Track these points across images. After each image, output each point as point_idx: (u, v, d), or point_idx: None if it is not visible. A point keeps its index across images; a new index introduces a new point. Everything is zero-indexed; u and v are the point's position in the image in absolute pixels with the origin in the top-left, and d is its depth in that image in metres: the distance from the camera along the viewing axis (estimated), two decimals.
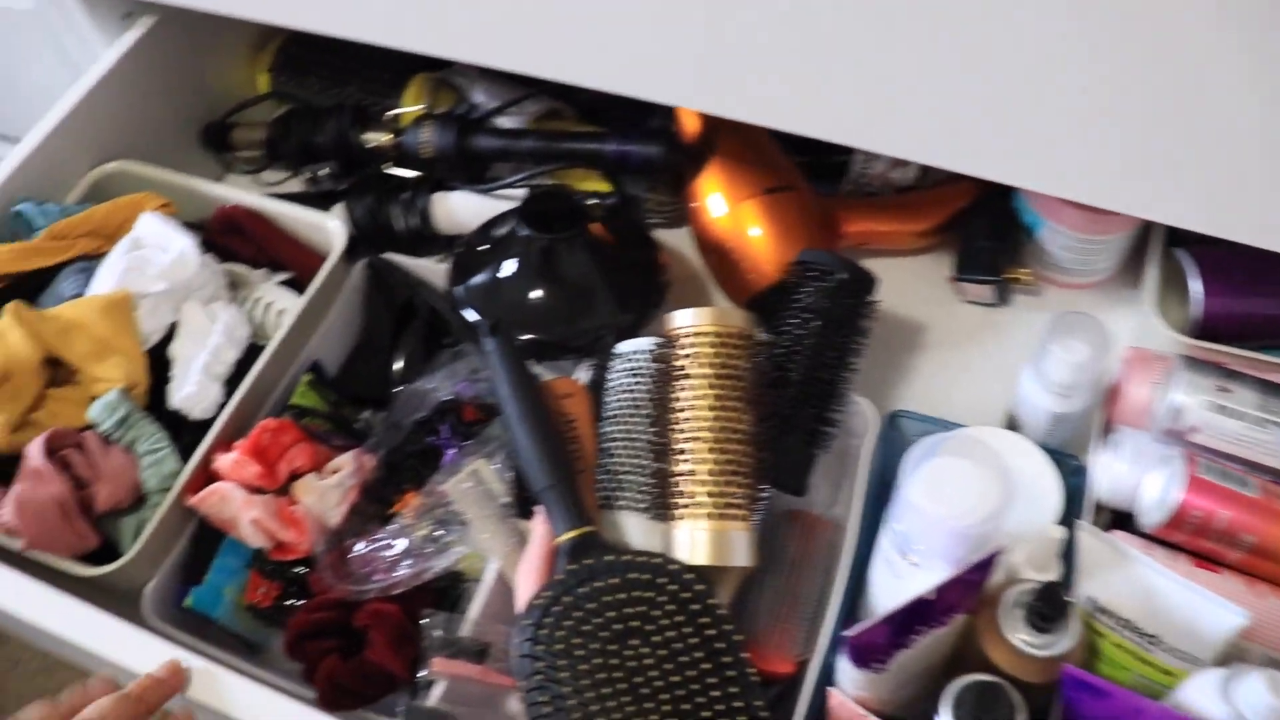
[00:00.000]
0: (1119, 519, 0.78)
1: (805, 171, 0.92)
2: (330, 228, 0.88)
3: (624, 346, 0.77)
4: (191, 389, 0.80)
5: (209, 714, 0.67)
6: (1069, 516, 0.73)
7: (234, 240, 0.89)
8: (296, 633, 0.74)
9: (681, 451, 0.71)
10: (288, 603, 0.79)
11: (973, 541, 0.64)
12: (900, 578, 0.69)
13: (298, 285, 0.89)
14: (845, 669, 0.66)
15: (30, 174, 0.88)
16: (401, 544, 0.75)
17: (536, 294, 0.83)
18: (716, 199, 0.88)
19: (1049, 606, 0.60)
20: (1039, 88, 0.62)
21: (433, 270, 0.90)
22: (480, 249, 0.87)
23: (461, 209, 0.92)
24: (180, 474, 0.78)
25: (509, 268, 0.83)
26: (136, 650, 0.67)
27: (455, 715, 0.71)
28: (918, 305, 0.92)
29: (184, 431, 0.81)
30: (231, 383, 0.82)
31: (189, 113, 1.02)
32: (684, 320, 0.73)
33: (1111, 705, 0.58)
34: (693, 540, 0.70)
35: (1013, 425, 0.81)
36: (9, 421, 0.77)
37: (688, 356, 0.72)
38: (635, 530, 0.72)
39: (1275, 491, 0.70)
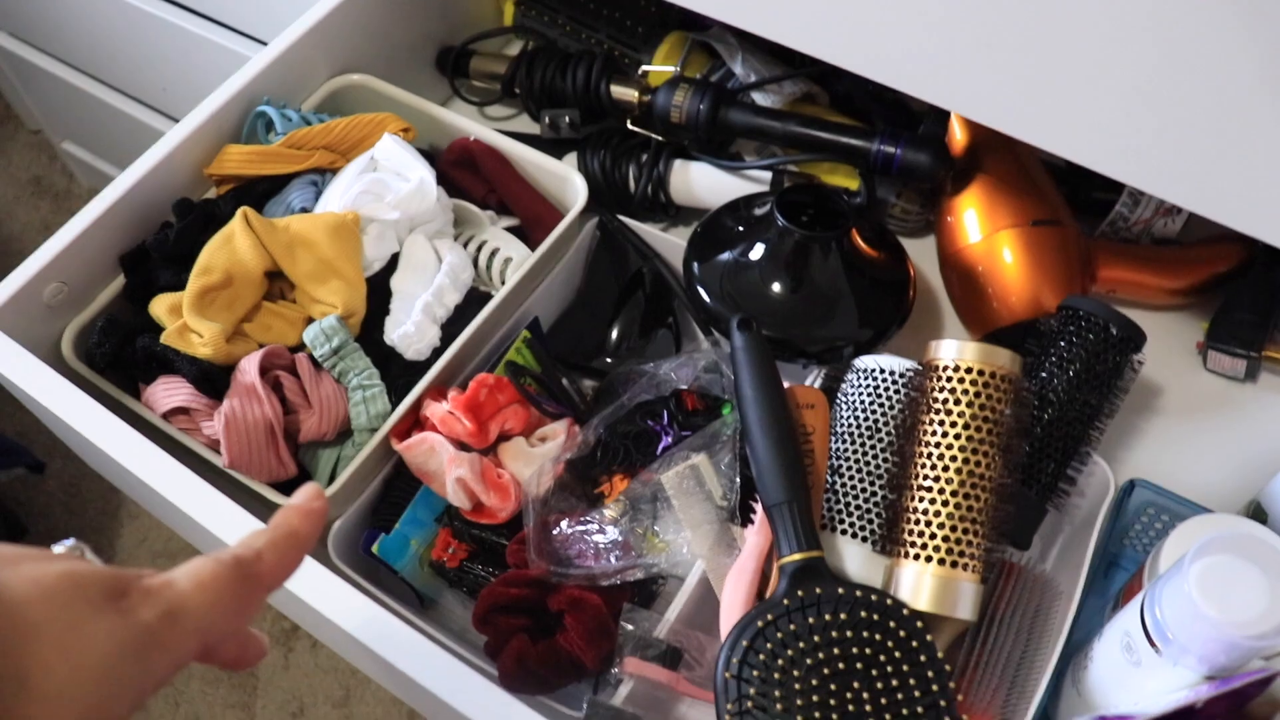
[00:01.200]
0: None
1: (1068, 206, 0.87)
2: (573, 180, 0.84)
3: (868, 362, 0.73)
4: (410, 328, 0.78)
5: (373, 659, 0.64)
6: None
7: (465, 175, 0.86)
8: (489, 604, 0.71)
9: (923, 488, 0.67)
10: (474, 565, 0.77)
11: (1241, 652, 0.59)
12: (1139, 665, 0.64)
13: (522, 233, 0.86)
14: None
15: (273, 77, 0.86)
16: (612, 532, 0.72)
17: (778, 288, 0.79)
18: (974, 220, 0.83)
19: None
20: None
21: (663, 240, 0.86)
22: (728, 229, 0.83)
23: (700, 181, 0.88)
24: (389, 415, 0.75)
25: (755, 255, 0.79)
26: (319, 586, 0.65)
27: (639, 717, 0.68)
28: (1159, 367, 0.86)
29: (392, 369, 0.78)
30: (446, 326, 0.80)
31: (430, 34, 0.99)
32: (950, 352, 0.68)
33: None
34: (918, 583, 0.66)
35: (1259, 517, 0.76)
36: (224, 330, 0.75)
37: (948, 390, 0.68)
38: (855, 559, 0.69)
39: None
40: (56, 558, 0.39)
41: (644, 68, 0.91)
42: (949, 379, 0.68)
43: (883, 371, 0.72)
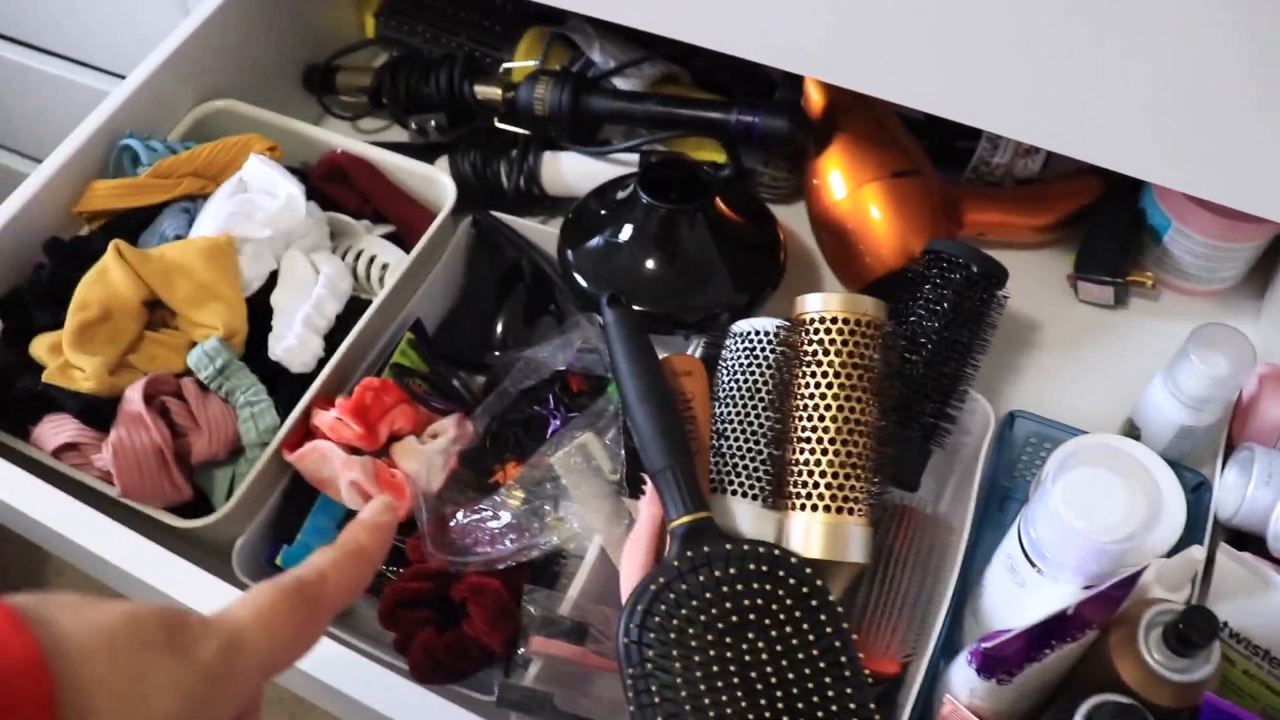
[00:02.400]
0: (1239, 539, 0.75)
1: (926, 155, 0.89)
2: (441, 181, 0.85)
3: (742, 326, 0.74)
4: (292, 341, 0.78)
5: (294, 674, 0.65)
6: (1191, 534, 0.71)
7: (338, 189, 0.87)
8: (392, 601, 0.72)
9: (803, 440, 0.69)
10: (381, 569, 0.77)
11: (1111, 558, 0.62)
12: (1023, 585, 0.67)
13: (399, 239, 0.87)
14: (965, 678, 0.64)
15: (136, 109, 0.86)
16: (505, 517, 0.73)
17: (651, 264, 0.80)
18: (838, 179, 0.85)
19: (1195, 631, 0.58)
20: (1193, 78, 0.57)
21: (538, 231, 0.87)
22: (596, 213, 0.84)
23: (571, 170, 0.90)
24: (279, 428, 0.76)
25: (625, 234, 0.81)
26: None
27: (552, 695, 0.69)
28: (1032, 302, 0.89)
29: (280, 384, 0.79)
30: (330, 336, 0.80)
31: (293, 54, 0.99)
32: (815, 305, 0.70)
33: None
34: (807, 532, 0.68)
35: (1134, 434, 0.78)
36: (106, 363, 0.75)
37: (817, 342, 0.70)
38: (746, 517, 0.70)
39: None
40: (116, 600, 0.36)
41: (505, 65, 0.92)
42: (816, 331, 0.70)
43: (756, 333, 0.73)
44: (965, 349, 0.76)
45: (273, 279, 0.82)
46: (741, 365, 0.73)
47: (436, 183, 0.85)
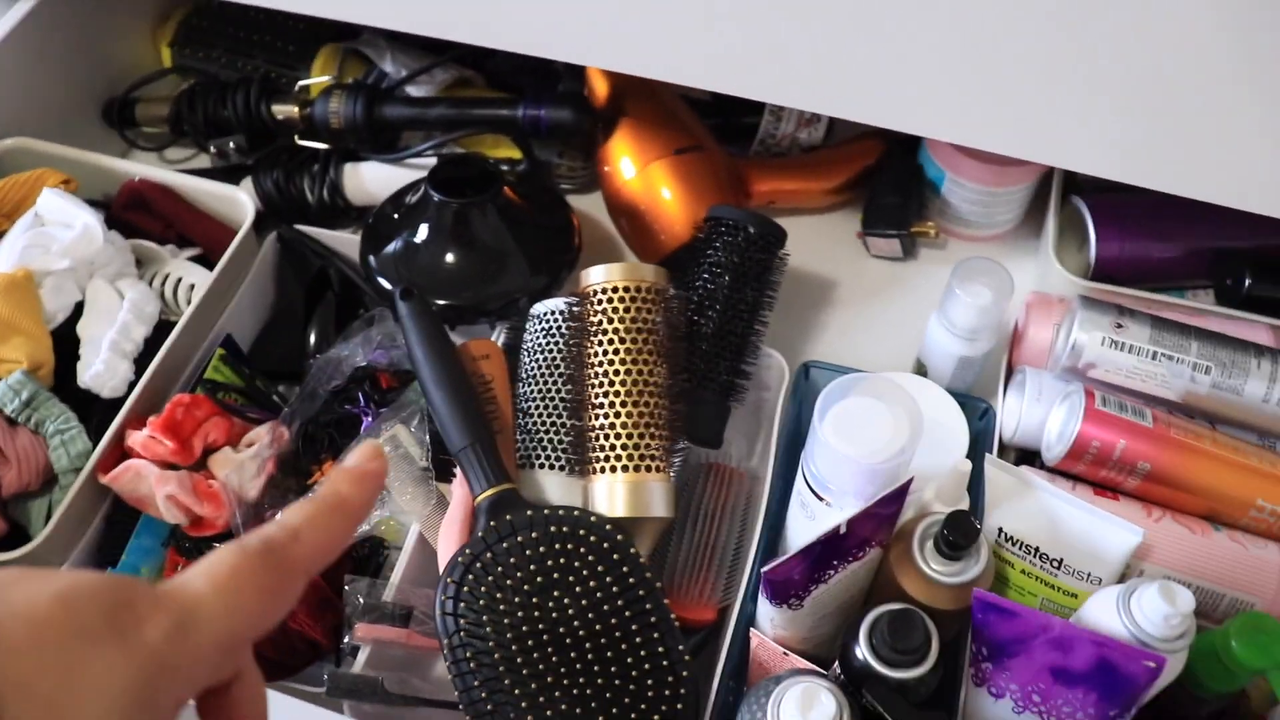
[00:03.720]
0: (1026, 458, 0.80)
1: (715, 135, 0.93)
2: (240, 200, 0.87)
3: (538, 308, 0.77)
4: (100, 367, 0.79)
5: None
6: (977, 455, 0.75)
7: (140, 216, 0.88)
8: None
9: (597, 406, 0.72)
10: None
11: (884, 478, 0.65)
12: (815, 519, 0.70)
13: (208, 261, 0.88)
14: (764, 609, 0.67)
15: None
16: None
17: (449, 259, 0.83)
18: (626, 162, 0.89)
19: (958, 533, 0.62)
20: (943, 34, 0.63)
21: (346, 241, 0.89)
22: (392, 217, 0.86)
23: (373, 179, 0.92)
24: (91, 453, 0.76)
25: (421, 234, 0.83)
26: None
27: (382, 680, 0.71)
28: (827, 262, 0.94)
29: (95, 411, 0.79)
30: (142, 360, 0.81)
31: (89, 89, 1.00)
32: (596, 277, 0.74)
33: (1019, 625, 0.60)
34: (611, 493, 0.70)
35: (921, 372, 0.83)
36: None
37: (601, 312, 0.73)
38: (555, 488, 0.73)
39: (1169, 421, 0.73)
40: (54, 576, 0.31)
41: (302, 82, 0.94)
42: (600, 301, 0.73)
43: (550, 312, 0.76)
44: (752, 307, 0.79)
45: (79, 309, 0.82)
46: (539, 345, 0.76)
47: (236, 202, 0.87)
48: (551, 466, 0.73)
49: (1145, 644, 0.60)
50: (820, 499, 0.69)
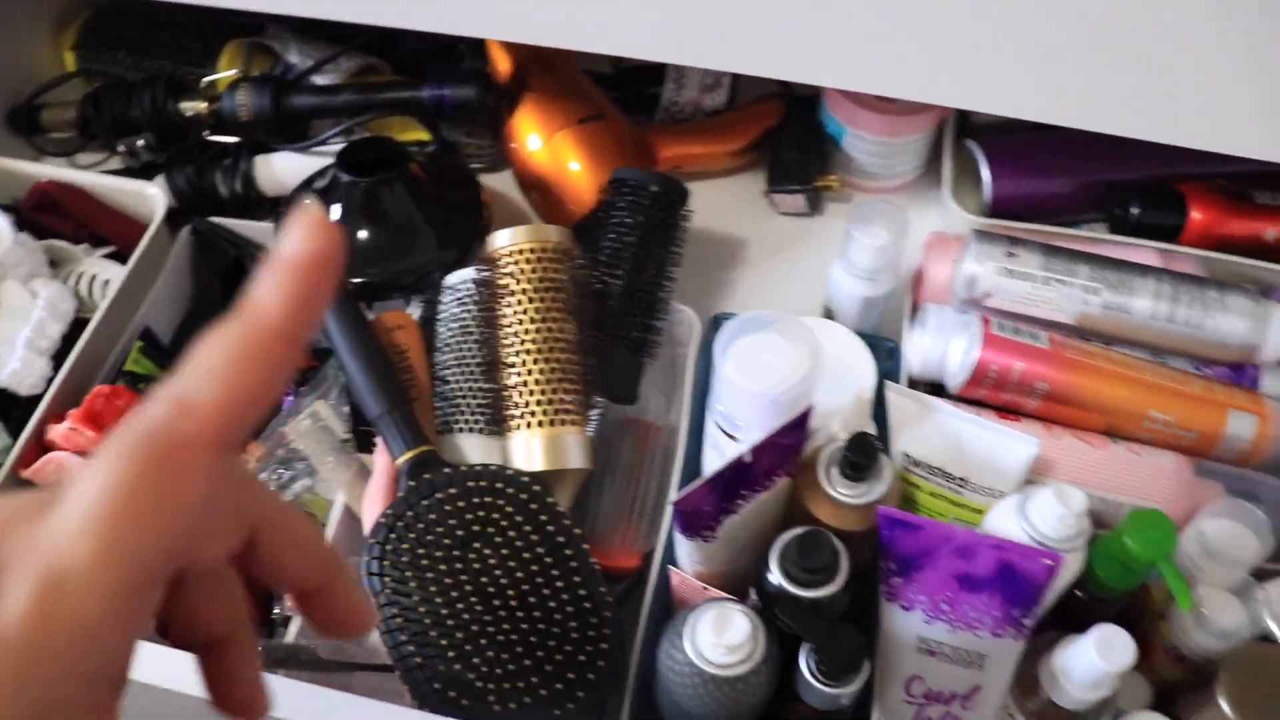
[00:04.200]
0: (935, 392, 0.82)
1: (620, 107, 0.95)
2: (150, 195, 0.88)
3: (450, 279, 0.79)
4: (16, 365, 0.80)
5: None
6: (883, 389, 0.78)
7: (50, 217, 0.88)
8: None
9: (509, 365, 0.73)
10: None
11: (787, 409, 0.67)
12: (726, 457, 0.72)
13: (124, 258, 0.88)
14: (682, 545, 0.69)
15: None
16: None
17: (362, 236, 0.84)
18: (532, 135, 0.91)
19: (859, 454, 0.64)
20: None
21: (263, 230, 0.90)
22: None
23: (284, 169, 0.93)
24: (11, 449, 0.77)
25: (334, 216, 0.85)
26: None
27: (315, 648, 0.72)
28: (736, 222, 0.96)
29: (14, 409, 0.80)
30: (60, 357, 0.82)
31: None
32: (501, 240, 0.75)
33: (923, 537, 0.62)
34: (529, 448, 0.72)
35: (829, 316, 0.85)
36: None
37: (508, 274, 0.75)
38: (475, 449, 0.75)
39: (1064, 342, 0.76)
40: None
41: (209, 78, 0.95)
42: (507, 264, 0.75)
43: (462, 281, 0.78)
44: (659, 264, 0.81)
45: None
46: (453, 314, 0.78)
47: (146, 197, 0.88)
48: (471, 430, 0.75)
49: (1043, 545, 0.62)
50: (731, 438, 0.71)
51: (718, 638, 0.60)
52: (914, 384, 0.82)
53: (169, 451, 0.28)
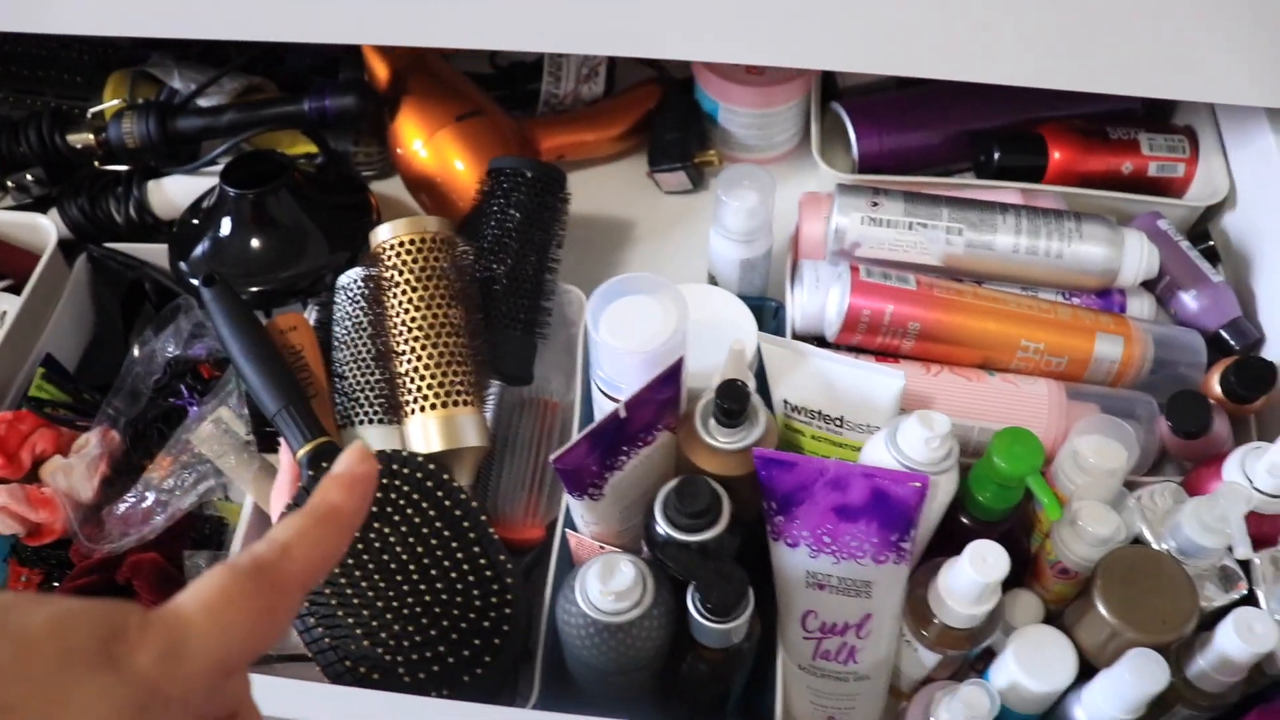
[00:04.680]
0: (819, 345, 0.85)
1: (501, 104, 0.98)
2: (40, 225, 0.89)
3: (342, 279, 0.81)
4: None
5: None
6: None
7: None
8: None
9: (400, 353, 0.76)
10: (54, 585, 0.80)
11: (660, 364, 0.69)
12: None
13: (20, 290, 0.90)
14: (574, 507, 0.71)
15: None
16: (152, 496, 0.77)
17: (254, 245, 0.86)
18: (414, 137, 0.93)
19: (729, 399, 0.66)
20: None
21: (158, 252, 0.92)
22: (193, 222, 0.90)
23: (176, 192, 0.95)
24: None
25: (225, 229, 0.87)
26: None
27: None
28: (623, 204, 0.99)
29: None
30: None
31: None
32: (383, 235, 0.78)
33: (799, 473, 0.65)
34: (425, 430, 0.74)
35: (713, 282, 0.88)
36: None
37: (392, 267, 0.77)
38: (375, 439, 0.76)
39: (931, 283, 0.79)
40: (46, 600, 0.31)
41: (95, 108, 0.97)
42: (390, 257, 0.77)
43: (352, 280, 0.80)
44: (542, 247, 0.84)
45: None
46: (346, 312, 0.80)
47: (38, 228, 0.90)
48: (370, 420, 0.77)
49: (913, 469, 0.65)
50: (613, 400, 0.73)
51: (604, 585, 0.63)
52: (799, 339, 0.85)
53: (271, 581, 0.34)
